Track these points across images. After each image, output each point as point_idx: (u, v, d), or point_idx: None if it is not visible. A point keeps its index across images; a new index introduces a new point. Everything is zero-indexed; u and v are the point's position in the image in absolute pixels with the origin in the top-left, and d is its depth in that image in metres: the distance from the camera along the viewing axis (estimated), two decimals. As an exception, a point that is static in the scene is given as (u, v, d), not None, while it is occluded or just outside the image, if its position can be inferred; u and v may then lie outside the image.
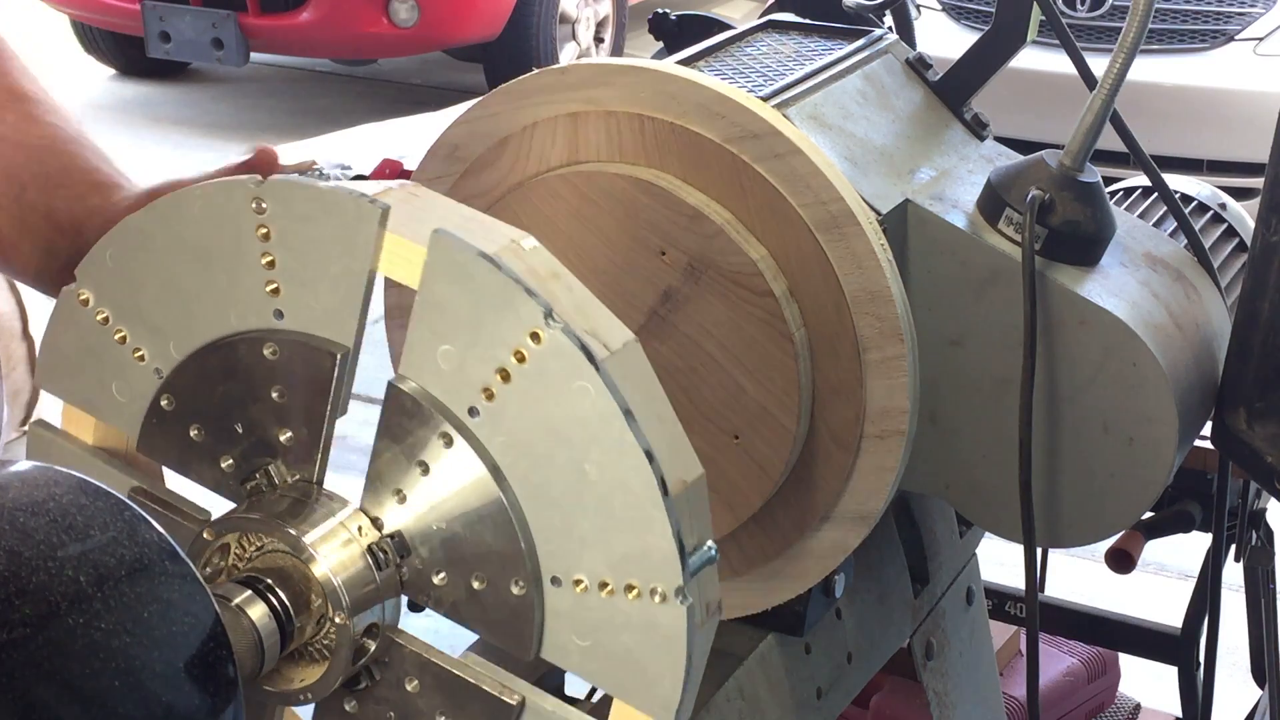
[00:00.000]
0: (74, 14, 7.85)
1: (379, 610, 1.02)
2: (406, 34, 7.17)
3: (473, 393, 0.99)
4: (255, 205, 1.03)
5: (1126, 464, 1.40)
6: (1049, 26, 1.49)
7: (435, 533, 1.01)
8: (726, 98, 1.29)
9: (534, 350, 0.96)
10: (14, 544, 0.81)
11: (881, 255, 1.28)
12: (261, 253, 1.04)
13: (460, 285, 0.98)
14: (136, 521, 0.87)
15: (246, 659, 0.96)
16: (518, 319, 0.96)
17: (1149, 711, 2.65)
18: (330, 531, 1.01)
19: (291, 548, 1.00)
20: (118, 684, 0.81)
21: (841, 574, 1.39)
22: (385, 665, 1.04)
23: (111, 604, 0.82)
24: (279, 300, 1.04)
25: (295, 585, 0.99)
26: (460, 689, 1.03)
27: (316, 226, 1.02)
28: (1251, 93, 5.88)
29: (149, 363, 1.09)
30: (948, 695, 1.73)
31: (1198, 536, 2.07)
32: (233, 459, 1.07)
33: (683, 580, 0.96)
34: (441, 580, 1.02)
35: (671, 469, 0.97)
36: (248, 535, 1.02)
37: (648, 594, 0.97)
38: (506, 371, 0.97)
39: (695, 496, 0.99)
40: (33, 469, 0.87)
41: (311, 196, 1.02)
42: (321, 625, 1.00)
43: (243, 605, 0.97)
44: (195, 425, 1.08)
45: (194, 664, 0.85)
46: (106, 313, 1.10)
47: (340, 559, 1.00)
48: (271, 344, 1.04)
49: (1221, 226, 1.78)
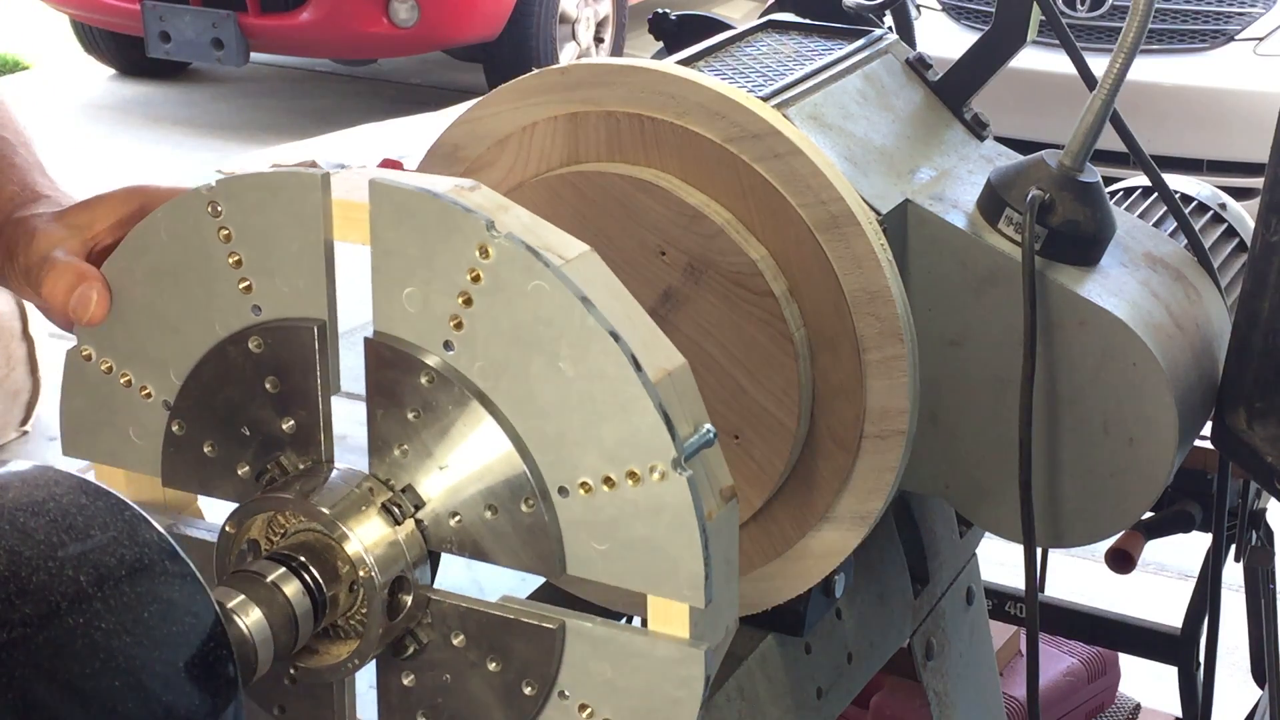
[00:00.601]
0: (74, 14, 7.86)
1: (406, 566, 1.04)
2: (406, 34, 7.18)
3: (443, 327, 1.02)
4: (211, 209, 1.06)
5: (1126, 464, 1.40)
6: (1049, 26, 1.49)
7: (441, 476, 1.04)
8: (726, 98, 1.29)
9: (486, 265, 0.99)
10: (14, 544, 0.81)
11: (881, 255, 1.28)
12: (228, 254, 1.07)
13: (405, 225, 1.01)
14: (136, 521, 0.87)
15: (282, 634, 0.99)
16: (464, 239, 0.99)
17: (1149, 711, 2.65)
18: (344, 497, 1.04)
19: (311, 519, 1.03)
20: (118, 684, 0.81)
21: (841, 574, 1.39)
22: (429, 627, 1.07)
23: (112, 604, 0.83)
24: (253, 296, 1.07)
25: (322, 557, 1.02)
26: (503, 629, 1.05)
27: (268, 212, 1.05)
28: (1251, 93, 5.88)
29: (156, 397, 1.12)
30: (948, 695, 1.73)
31: (1198, 536, 2.07)
32: (247, 464, 1.09)
33: (677, 452, 0.98)
34: (457, 522, 1.04)
35: (649, 357, 0.99)
36: (272, 525, 1.05)
37: (648, 475, 0.99)
38: (468, 295, 1.00)
39: (680, 383, 1.01)
40: (33, 469, 0.87)
41: (257, 184, 1.05)
42: (354, 591, 1.03)
43: (277, 581, 1.00)
44: (207, 442, 1.11)
45: (194, 664, 0.86)
46: (110, 362, 1.14)
47: (359, 522, 1.03)
48: (255, 337, 1.07)
49: (1221, 226, 1.78)
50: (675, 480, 0.98)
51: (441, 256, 1.01)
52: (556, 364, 1.00)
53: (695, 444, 1.00)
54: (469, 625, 1.06)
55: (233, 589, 0.99)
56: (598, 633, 1.04)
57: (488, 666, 1.06)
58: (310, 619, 1.01)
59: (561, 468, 1.01)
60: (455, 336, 1.02)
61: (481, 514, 1.04)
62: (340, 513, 1.03)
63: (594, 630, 1.04)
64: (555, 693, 1.05)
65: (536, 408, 1.01)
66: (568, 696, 1.05)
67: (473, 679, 1.07)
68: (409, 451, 1.04)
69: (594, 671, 1.04)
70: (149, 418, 1.13)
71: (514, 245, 0.99)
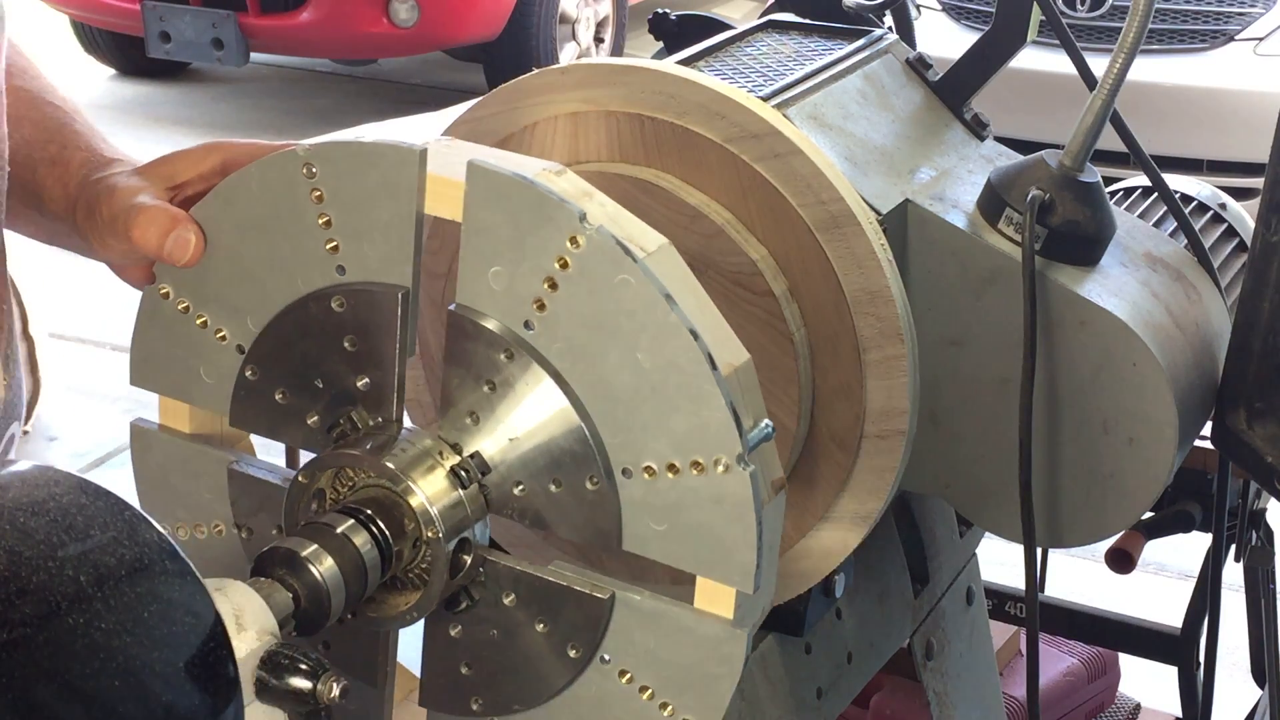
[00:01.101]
0: (74, 14, 7.85)
1: (469, 528, 1.08)
2: (406, 34, 7.17)
3: (525, 306, 1.06)
4: (306, 170, 1.11)
5: (1126, 464, 1.40)
6: (1049, 26, 1.49)
7: (510, 446, 1.08)
8: (726, 98, 1.29)
9: (575, 254, 1.03)
10: (14, 544, 0.81)
11: (881, 255, 1.28)
12: (318, 215, 1.11)
13: (499, 208, 1.05)
14: (136, 521, 0.87)
15: (352, 583, 1.03)
16: (556, 228, 1.04)
17: (1149, 711, 2.65)
18: (415, 458, 1.08)
19: (381, 476, 1.07)
20: (118, 684, 0.81)
21: (841, 574, 1.39)
22: (482, 585, 1.11)
23: (112, 604, 0.83)
24: (339, 256, 1.11)
25: (390, 513, 1.06)
26: (554, 594, 1.10)
27: (363, 180, 1.09)
28: (1251, 93, 5.88)
29: (230, 341, 1.17)
30: (948, 695, 1.73)
31: (1198, 536, 2.07)
32: (317, 414, 1.14)
33: (742, 448, 1.02)
34: (521, 491, 1.09)
35: (720, 353, 1.04)
36: (340, 477, 1.09)
37: (712, 467, 1.03)
38: (553, 280, 1.05)
39: (745, 379, 1.06)
40: (33, 469, 0.87)
41: (355, 152, 1.09)
42: (418, 549, 1.07)
43: (347, 533, 1.04)
44: (280, 390, 1.15)
45: (194, 664, 0.86)
46: (186, 302, 1.18)
47: (428, 483, 1.07)
48: (338, 297, 1.12)
49: (1221, 226, 1.78)
50: (738, 474, 1.03)
51: (532, 241, 1.05)
52: (634, 354, 1.04)
53: (756, 438, 1.04)
54: (521, 587, 1.11)
55: (306, 539, 1.03)
56: (646, 606, 1.09)
57: (535, 627, 1.11)
58: (378, 570, 1.05)
59: (628, 451, 1.06)
60: (537, 317, 1.06)
61: (546, 486, 1.08)
62: (410, 472, 1.07)
63: (642, 603, 1.09)
64: (598, 657, 1.10)
65: (610, 392, 1.05)
66: (609, 662, 1.10)
67: (519, 637, 1.12)
68: (480, 419, 1.09)
69: (638, 641, 1.09)
70: (221, 359, 1.17)
71: (604, 239, 1.03)
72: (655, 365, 1.04)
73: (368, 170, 1.09)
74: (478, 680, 1.14)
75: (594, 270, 1.03)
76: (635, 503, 1.06)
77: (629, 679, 1.10)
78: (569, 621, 1.10)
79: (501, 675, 1.13)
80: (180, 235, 1.14)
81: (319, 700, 0.97)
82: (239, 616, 0.97)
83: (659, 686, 1.09)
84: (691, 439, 1.04)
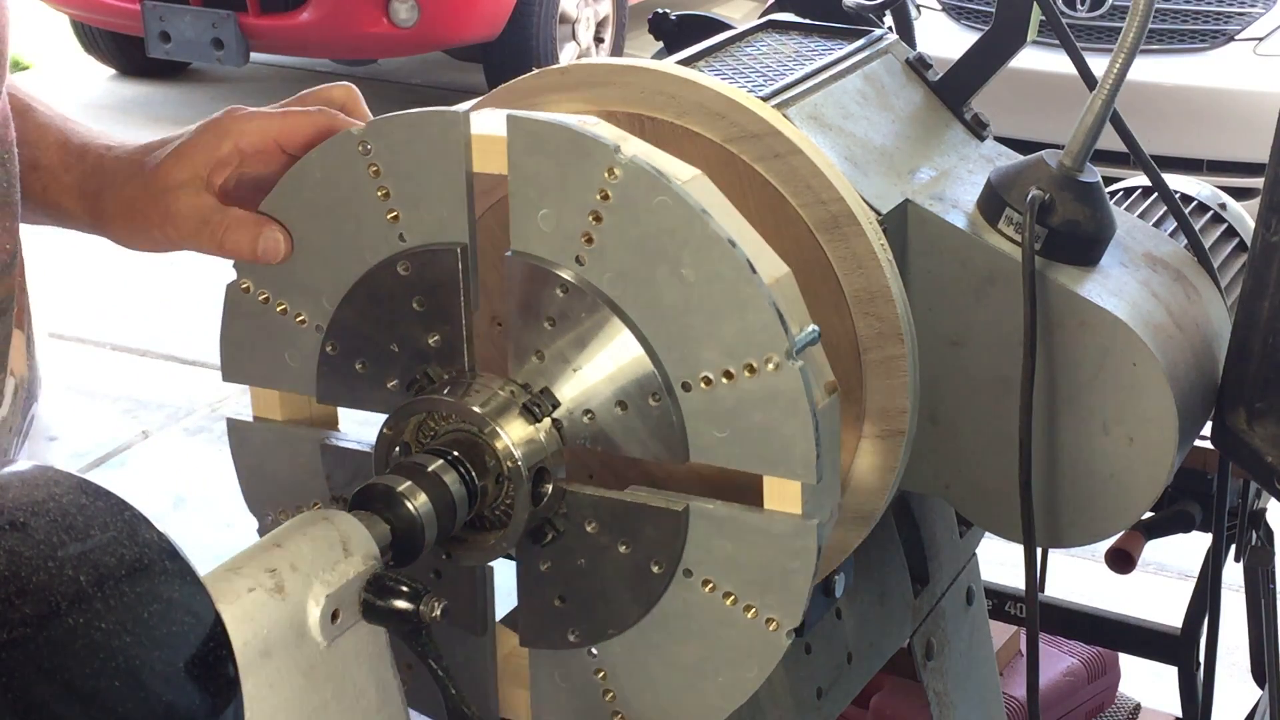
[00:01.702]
0: (74, 14, 7.85)
1: (546, 459, 1.16)
2: (406, 34, 7.17)
3: (575, 242, 1.14)
4: (361, 148, 1.19)
5: (1126, 464, 1.40)
6: (1049, 26, 1.49)
7: (575, 377, 1.16)
8: (726, 98, 1.29)
9: (614, 185, 1.11)
10: (14, 544, 0.81)
11: (881, 255, 1.28)
12: (377, 188, 1.19)
13: (540, 153, 1.13)
14: (136, 521, 0.87)
15: (443, 516, 1.11)
16: (594, 163, 1.11)
17: (1149, 711, 2.65)
18: (490, 398, 1.15)
19: (462, 418, 1.15)
20: (118, 684, 0.81)
21: (841, 574, 1.39)
22: (564, 517, 1.19)
23: (112, 604, 0.83)
24: (400, 224, 1.19)
25: (473, 452, 1.14)
26: (633, 514, 1.17)
27: (414, 148, 1.17)
28: (1251, 93, 5.88)
29: (310, 323, 1.25)
30: (948, 695, 1.73)
31: (1198, 536, 2.07)
32: (396, 377, 1.21)
33: (789, 343, 1.09)
34: (590, 419, 1.16)
35: (759, 263, 1.10)
36: (423, 429, 1.17)
37: (763, 366, 1.10)
38: (597, 213, 1.12)
39: (786, 289, 1.13)
40: (33, 469, 0.87)
41: (404, 123, 1.17)
42: (500, 484, 1.15)
43: (437, 471, 1.12)
44: (359, 360, 1.23)
45: (194, 664, 0.86)
46: (266, 293, 1.26)
47: (504, 420, 1.15)
48: (403, 262, 1.19)
49: (1221, 226, 1.78)
50: (788, 369, 1.10)
51: (573, 179, 1.12)
52: (679, 270, 1.11)
53: (803, 340, 1.11)
54: (602, 513, 1.18)
55: (400, 476, 1.11)
56: (719, 513, 1.15)
57: (618, 549, 1.18)
58: (465, 505, 1.13)
59: (685, 364, 1.13)
60: (586, 251, 1.13)
61: (612, 410, 1.15)
62: (487, 411, 1.14)
63: (716, 511, 1.15)
64: (680, 570, 1.16)
65: (661, 311, 1.12)
66: (692, 574, 1.16)
67: (605, 562, 1.19)
68: (545, 357, 1.16)
69: (716, 549, 1.15)
70: (303, 341, 1.25)
71: (639, 165, 1.10)
72: (700, 278, 1.10)
73: (417, 139, 1.17)
74: (572, 610, 1.21)
75: (633, 197, 1.11)
76: (697, 413, 1.13)
77: (711, 587, 1.16)
78: (649, 539, 1.16)
79: (593, 602, 1.20)
80: (269, 237, 1.22)
81: (421, 619, 1.04)
82: (345, 543, 1.05)
83: (740, 590, 1.15)
84: (741, 343, 1.10)
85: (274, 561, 1.01)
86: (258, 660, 0.98)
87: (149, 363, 5.19)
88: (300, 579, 1.01)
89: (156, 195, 1.26)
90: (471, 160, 1.16)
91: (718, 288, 1.10)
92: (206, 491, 4.37)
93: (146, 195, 1.26)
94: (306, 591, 1.01)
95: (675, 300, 1.12)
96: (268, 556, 1.02)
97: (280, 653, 1.00)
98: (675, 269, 1.11)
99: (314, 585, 1.02)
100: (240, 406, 1.35)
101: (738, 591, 1.15)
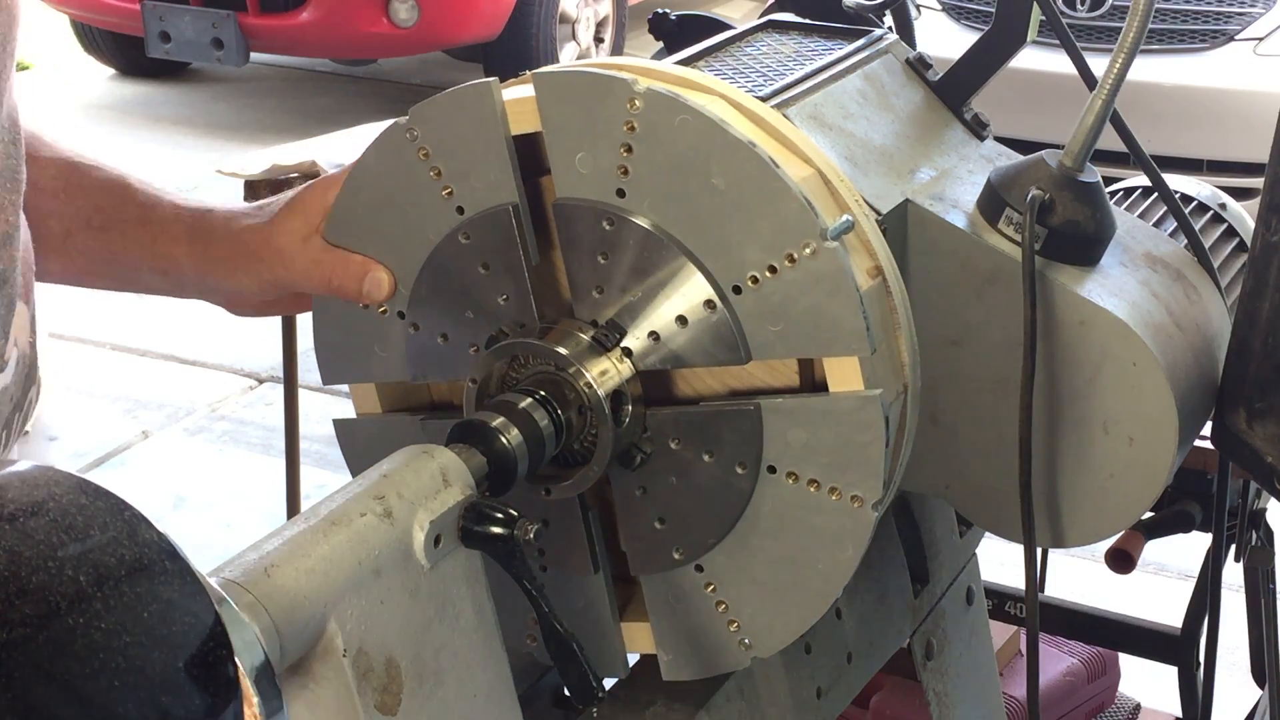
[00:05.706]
0: (74, 14, 7.85)
1: (621, 383, 1.23)
2: (406, 34, 7.17)
3: (613, 177, 1.21)
4: (409, 135, 1.27)
5: (1126, 464, 1.40)
6: (1049, 26, 1.49)
7: (635, 303, 1.23)
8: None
9: (638, 115, 1.19)
10: (14, 544, 0.81)
11: (882, 255, 1.28)
12: (429, 169, 1.27)
13: (567, 101, 1.21)
14: (136, 521, 0.87)
15: (534, 448, 1.19)
16: (616, 98, 1.19)
17: (1149, 711, 2.65)
18: (562, 335, 1.24)
19: (538, 357, 1.23)
20: (118, 684, 0.81)
21: (841, 574, 1.38)
22: (648, 439, 1.25)
23: (111, 604, 0.82)
24: (455, 199, 1.27)
25: (555, 388, 1.21)
26: (709, 423, 1.24)
27: (455, 123, 1.25)
28: (1251, 93, 5.88)
29: (391, 312, 1.33)
30: (948, 695, 1.73)
31: (1198, 536, 2.07)
32: (478, 341, 1.29)
33: (821, 225, 1.16)
34: (653, 339, 1.23)
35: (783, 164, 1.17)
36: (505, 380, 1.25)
37: (802, 253, 1.17)
38: (628, 145, 1.20)
39: (813, 186, 1.21)
40: (33, 469, 0.87)
41: (443, 103, 1.25)
42: (584, 414, 1.22)
43: (526, 408, 1.19)
44: (440, 334, 1.31)
45: (194, 664, 0.85)
46: None
47: (579, 354, 1.22)
48: (463, 232, 1.27)
49: (1221, 226, 1.78)
50: (826, 251, 1.16)
51: (600, 118, 1.20)
52: (710, 180, 1.18)
53: (838, 228, 1.17)
54: (681, 428, 1.25)
55: (494, 412, 1.19)
56: (788, 404, 1.21)
57: (703, 459, 1.24)
58: (553, 438, 1.20)
59: (732, 269, 1.19)
60: (624, 183, 1.21)
61: (674, 328, 1.22)
62: (561, 348, 1.22)
63: (785, 403, 1.22)
64: (764, 469, 1.22)
65: (701, 223, 1.19)
66: (775, 469, 1.22)
67: (693, 474, 1.25)
68: (604, 290, 1.24)
69: (792, 440, 1.21)
70: (389, 331, 1.34)
71: (656, 92, 1.18)
72: (730, 183, 1.17)
73: (457, 115, 1.24)
74: (672, 529, 1.27)
75: (656, 122, 1.18)
76: (751, 314, 1.20)
77: (795, 479, 1.22)
78: (730, 443, 1.23)
79: (690, 516, 1.26)
80: (374, 278, 1.32)
81: (515, 541, 1.10)
82: (445, 474, 1.12)
83: (822, 475, 1.21)
84: (778, 235, 1.17)
85: (382, 489, 1.09)
86: (370, 578, 1.05)
87: (149, 363, 5.19)
88: (406, 506, 1.08)
89: (270, 239, 1.38)
90: (509, 124, 1.23)
91: (747, 188, 1.17)
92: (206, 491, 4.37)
93: (260, 239, 1.38)
94: (412, 518, 1.08)
95: (712, 209, 1.18)
96: (376, 485, 1.09)
97: (390, 572, 1.07)
98: (706, 180, 1.18)
99: (418, 513, 1.09)
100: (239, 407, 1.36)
101: (820, 476, 1.21)
